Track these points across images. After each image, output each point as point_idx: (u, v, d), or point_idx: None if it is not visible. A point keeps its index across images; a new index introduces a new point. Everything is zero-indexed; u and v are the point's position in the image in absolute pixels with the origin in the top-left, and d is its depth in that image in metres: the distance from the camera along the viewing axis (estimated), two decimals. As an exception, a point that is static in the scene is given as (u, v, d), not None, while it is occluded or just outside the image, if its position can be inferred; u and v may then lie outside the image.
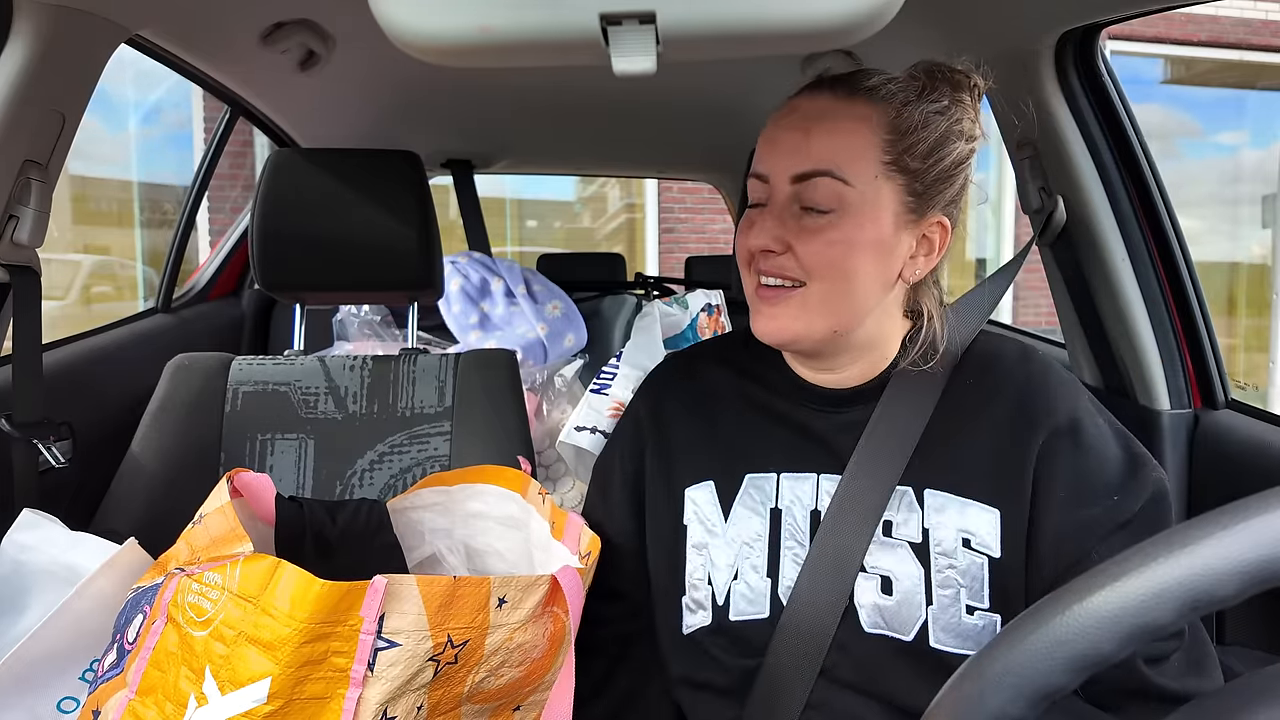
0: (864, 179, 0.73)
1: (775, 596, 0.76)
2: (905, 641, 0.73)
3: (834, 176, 0.73)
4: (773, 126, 0.78)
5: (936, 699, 0.44)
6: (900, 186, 0.75)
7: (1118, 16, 1.05)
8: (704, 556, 0.80)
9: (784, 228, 0.75)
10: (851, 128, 0.74)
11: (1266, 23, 6.59)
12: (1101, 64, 1.17)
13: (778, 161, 0.75)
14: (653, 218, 6.39)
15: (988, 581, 0.73)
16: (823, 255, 0.74)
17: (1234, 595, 0.38)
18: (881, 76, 0.76)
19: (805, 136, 0.74)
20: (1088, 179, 1.19)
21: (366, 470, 1.19)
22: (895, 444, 0.77)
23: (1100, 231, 1.20)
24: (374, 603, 0.67)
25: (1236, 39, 6.58)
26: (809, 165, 0.74)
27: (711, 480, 0.82)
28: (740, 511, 0.80)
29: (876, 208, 0.74)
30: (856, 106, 0.75)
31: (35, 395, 1.03)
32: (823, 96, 0.76)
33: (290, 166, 1.21)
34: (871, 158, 0.74)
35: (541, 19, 0.51)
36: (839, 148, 0.73)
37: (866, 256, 0.74)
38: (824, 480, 0.79)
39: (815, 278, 0.75)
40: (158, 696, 0.69)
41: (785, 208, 0.76)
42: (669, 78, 0.96)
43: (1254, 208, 6.69)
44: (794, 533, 0.78)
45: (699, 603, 0.79)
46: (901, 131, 0.74)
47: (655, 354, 1.72)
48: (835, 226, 0.74)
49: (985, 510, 0.75)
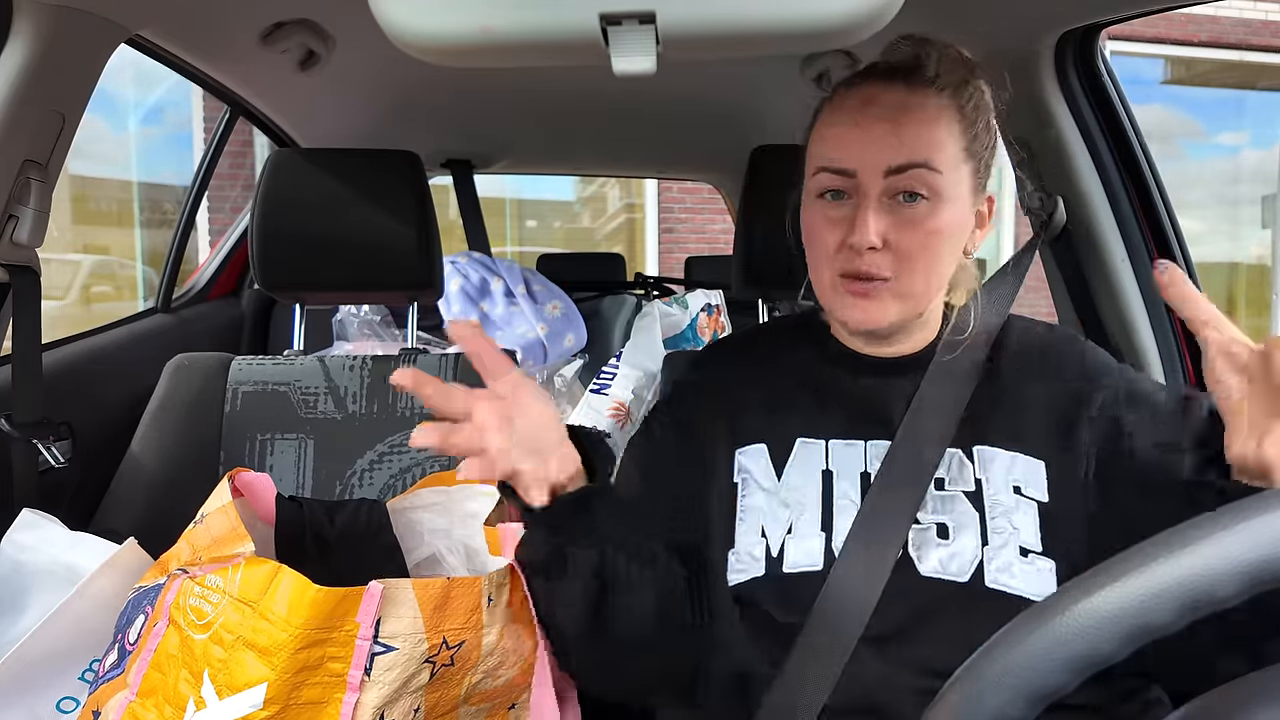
0: (950, 166, 0.77)
1: (829, 549, 0.78)
2: (961, 583, 0.75)
3: (930, 167, 0.75)
4: (856, 116, 0.78)
5: (936, 699, 0.44)
6: (971, 170, 0.79)
7: (1118, 16, 1.05)
8: (757, 515, 0.82)
9: (884, 222, 0.76)
10: (935, 119, 0.77)
11: (1266, 23, 6.59)
12: (1101, 64, 1.17)
13: (868, 155, 0.76)
14: (653, 218, 6.39)
15: (1039, 526, 0.76)
16: (921, 245, 0.77)
17: (1234, 595, 0.38)
18: (937, 64, 0.78)
19: (896, 128, 0.76)
20: (1087, 179, 1.19)
21: (366, 470, 1.19)
22: (945, 408, 0.80)
23: (1100, 231, 1.20)
24: (370, 608, 0.67)
25: (1236, 39, 6.58)
26: (905, 158, 0.75)
27: (764, 443, 0.84)
28: (793, 472, 0.82)
29: (960, 192, 0.78)
30: (931, 97, 0.77)
31: (35, 395, 1.03)
32: (897, 88, 0.78)
33: (290, 166, 1.21)
34: (954, 145, 0.77)
35: (541, 19, 0.51)
36: (930, 139, 0.76)
37: (953, 240, 0.79)
38: (871, 447, 0.81)
39: (908, 270, 0.77)
40: (158, 699, 0.69)
41: (880, 201, 0.77)
42: (669, 78, 0.96)
43: (1254, 208, 6.70)
44: (846, 492, 0.80)
45: (753, 557, 0.80)
46: (969, 119, 0.79)
47: (655, 354, 1.72)
48: (932, 216, 0.76)
49: (1032, 461, 0.78)
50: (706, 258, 3.04)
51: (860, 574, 0.76)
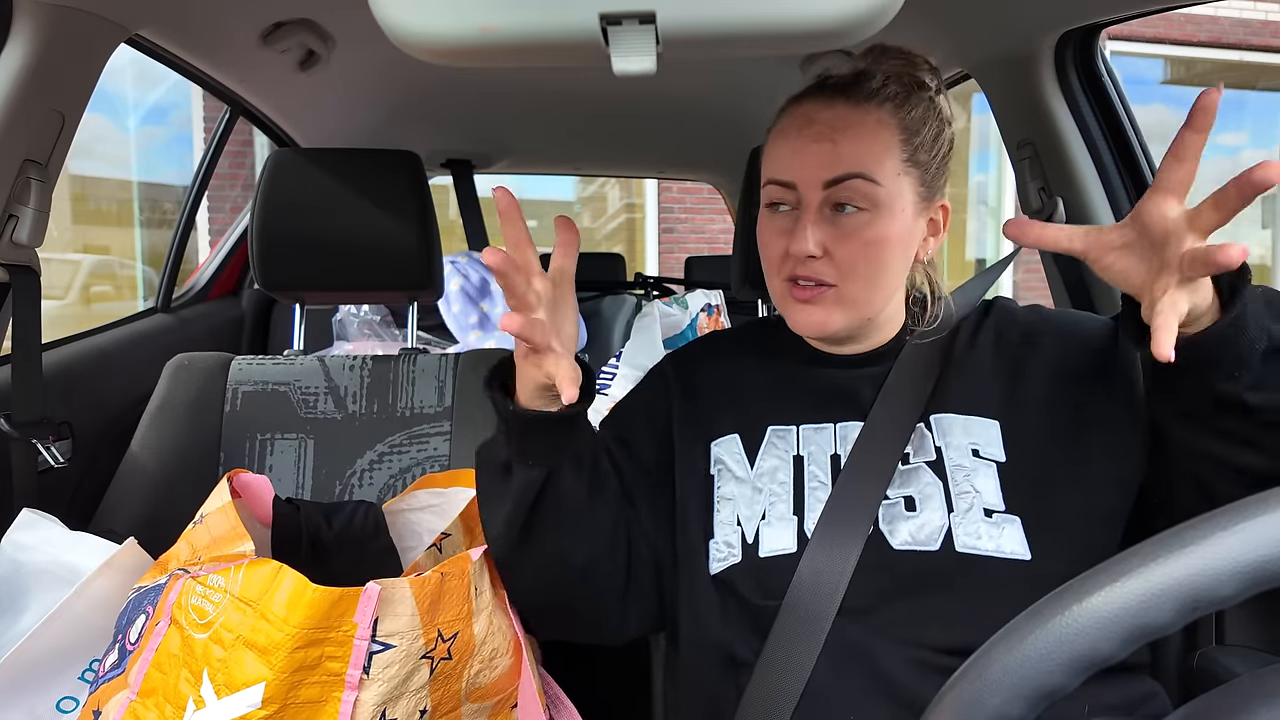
0: (889, 177, 0.79)
1: (801, 532, 0.80)
2: (932, 552, 0.77)
3: (865, 178, 0.78)
4: (795, 137, 0.81)
5: (936, 699, 0.44)
6: (915, 180, 0.81)
7: (1118, 16, 1.05)
8: (733, 502, 0.84)
9: (822, 232, 0.80)
10: (874, 133, 0.79)
11: (1266, 23, 6.59)
12: (1101, 64, 1.17)
13: (808, 170, 0.80)
14: (653, 218, 6.39)
15: (999, 486, 0.79)
16: (860, 254, 0.79)
17: (1233, 595, 0.38)
18: (879, 77, 0.82)
19: (834, 146, 0.79)
20: (1087, 179, 1.19)
21: (366, 470, 1.19)
22: (913, 389, 0.84)
23: (1100, 232, 1.20)
24: (368, 608, 0.68)
25: (1236, 39, 6.58)
26: (841, 170, 0.78)
27: (737, 434, 0.87)
28: (766, 459, 0.85)
29: (901, 202, 0.80)
30: (871, 112, 0.80)
31: (35, 395, 1.03)
32: (838, 105, 0.81)
33: (290, 166, 1.21)
34: (893, 157, 0.80)
35: (541, 19, 0.51)
36: (866, 152, 0.79)
37: (896, 248, 0.81)
38: (840, 429, 0.85)
39: (848, 278, 0.80)
40: (158, 698, 0.69)
41: (819, 212, 0.80)
42: (669, 78, 0.97)
43: (1254, 208, 6.69)
44: (817, 475, 0.83)
45: (729, 544, 0.83)
46: (911, 130, 0.81)
47: (655, 354, 1.72)
48: (870, 225, 0.79)
49: (986, 422, 0.81)
50: (706, 258, 3.04)
51: (832, 553, 0.78)
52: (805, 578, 0.78)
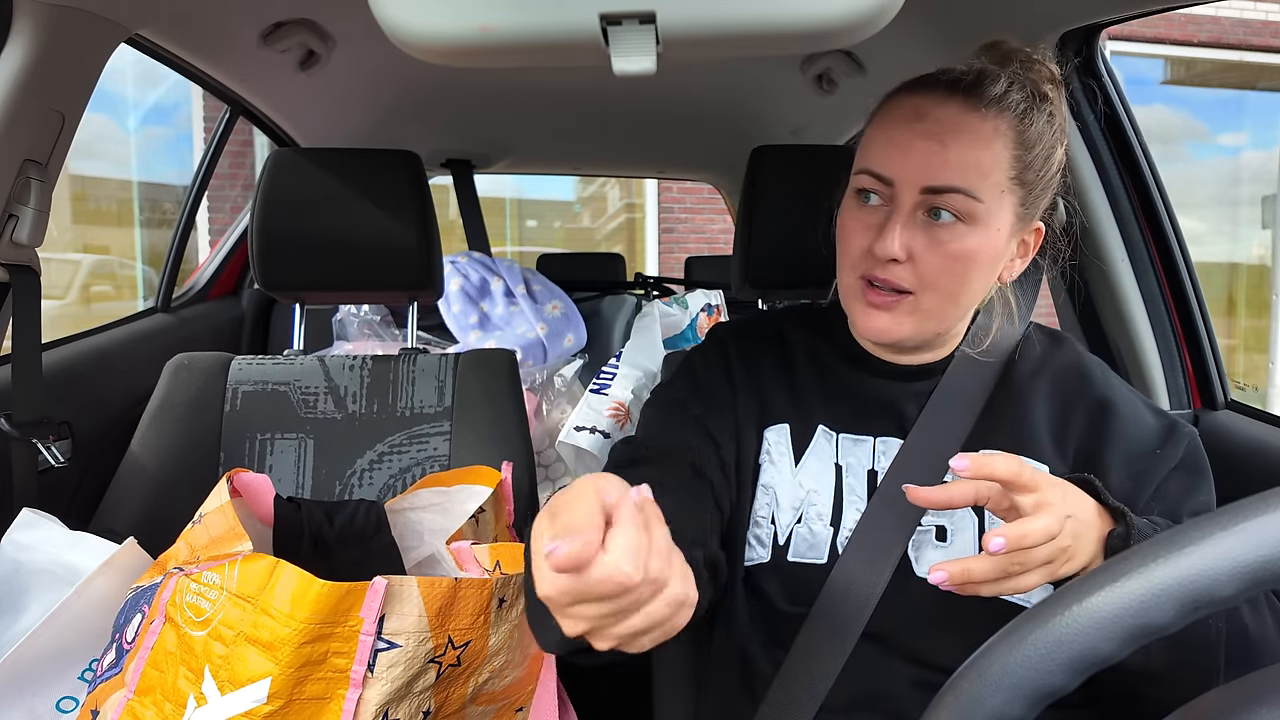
0: (992, 194, 0.74)
1: (834, 545, 0.78)
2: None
3: (968, 195, 0.73)
4: (902, 130, 0.76)
5: (936, 698, 0.44)
6: (1018, 200, 0.76)
7: (1118, 16, 1.05)
8: (770, 495, 0.81)
9: (911, 236, 0.75)
10: (986, 143, 0.74)
11: (1266, 23, 6.59)
12: (1101, 64, 1.17)
13: (909, 169, 0.75)
14: (653, 218, 6.38)
15: None
16: (944, 267, 0.75)
17: (1233, 596, 0.38)
18: (1004, 83, 0.75)
19: (942, 148, 0.73)
20: (1087, 179, 1.19)
21: (366, 470, 1.19)
22: (958, 413, 0.80)
23: (1100, 232, 1.20)
24: (374, 603, 0.67)
25: (1237, 40, 6.58)
26: (945, 180, 0.73)
27: (787, 424, 0.83)
28: (810, 459, 0.82)
29: (999, 220, 0.75)
30: (988, 120, 0.74)
31: (35, 395, 1.03)
32: (953, 104, 0.75)
33: (290, 166, 1.21)
34: (1001, 172, 0.74)
35: (541, 19, 0.51)
36: (974, 163, 0.73)
37: (982, 267, 0.76)
38: (879, 443, 0.81)
39: (928, 288, 0.76)
40: (156, 696, 0.69)
41: (911, 215, 0.76)
42: (669, 78, 0.97)
43: (1254, 209, 6.69)
44: (854, 488, 0.80)
45: (760, 539, 0.80)
46: (1026, 146, 0.75)
47: (655, 354, 1.72)
48: (962, 239, 0.75)
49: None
50: (706, 258, 3.04)
51: (863, 573, 0.76)
52: (834, 591, 0.76)
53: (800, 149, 1.14)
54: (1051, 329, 0.90)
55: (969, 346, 0.84)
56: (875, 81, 1.38)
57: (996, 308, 0.85)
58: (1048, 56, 0.79)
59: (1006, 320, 0.85)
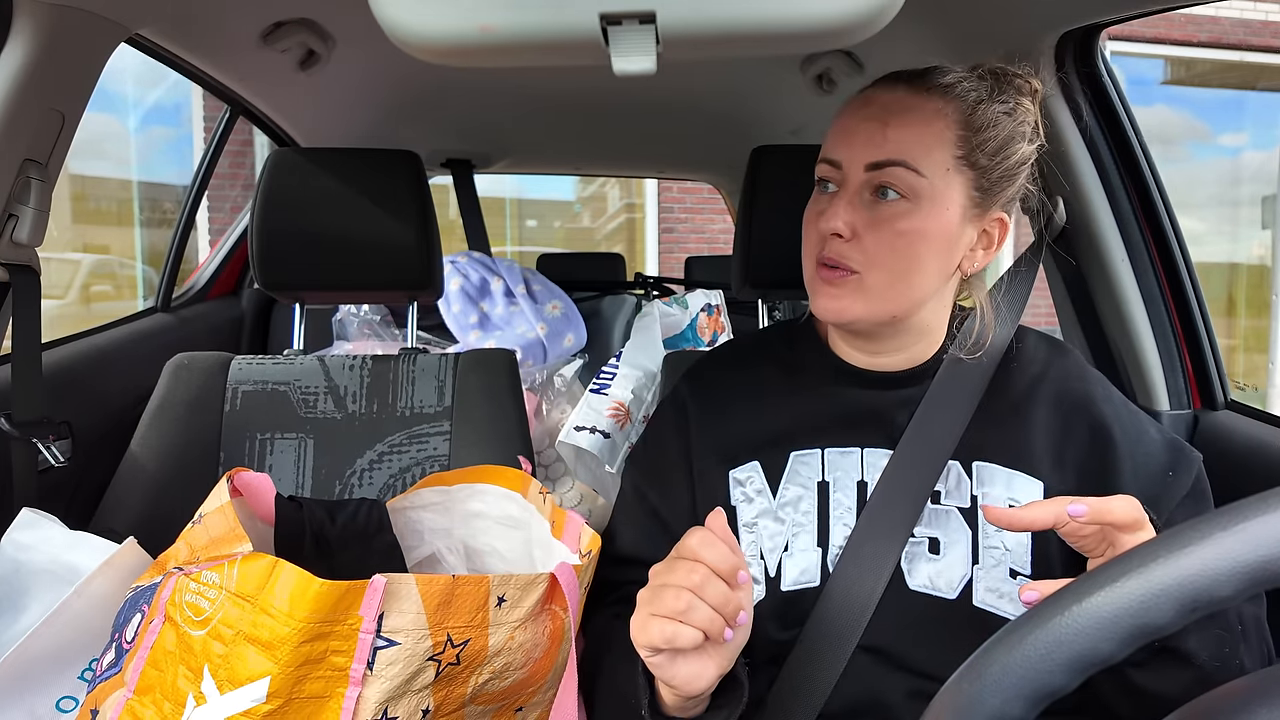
0: (936, 171, 0.76)
1: (825, 565, 0.78)
2: (948, 600, 0.75)
3: (908, 167, 0.75)
4: (849, 117, 0.79)
5: (936, 698, 0.44)
6: (969, 181, 0.78)
7: (1118, 17, 1.05)
8: (754, 534, 0.81)
9: (855, 214, 0.77)
10: (927, 121, 0.76)
11: (1266, 23, 6.59)
12: (1101, 64, 1.17)
13: (853, 150, 0.78)
14: (653, 218, 6.39)
15: (1031, 548, 0.76)
16: (889, 245, 0.77)
17: (1233, 596, 0.38)
18: (955, 74, 0.79)
19: (882, 127, 0.76)
20: (1087, 180, 1.19)
21: (366, 470, 1.19)
22: (948, 421, 0.80)
23: (1100, 232, 1.20)
24: (373, 601, 0.67)
25: (1237, 40, 6.58)
26: (885, 154, 0.76)
27: (757, 460, 0.84)
28: (789, 488, 0.82)
29: (946, 199, 0.77)
30: (932, 101, 0.77)
31: (35, 394, 1.03)
32: (899, 89, 0.78)
33: (290, 166, 1.21)
34: (945, 151, 0.76)
35: (541, 19, 0.51)
36: (915, 139, 0.76)
37: (932, 246, 0.77)
38: (868, 454, 0.81)
39: (874, 266, 0.77)
40: (156, 695, 0.69)
41: (857, 194, 0.78)
42: (669, 78, 0.97)
43: (1254, 209, 6.70)
44: (843, 502, 0.80)
45: (754, 578, 0.80)
46: (974, 128, 0.77)
47: (655, 354, 1.72)
48: (906, 216, 0.76)
49: (1030, 481, 0.78)
50: (706, 258, 3.04)
51: (856, 587, 0.76)
52: (828, 610, 0.76)
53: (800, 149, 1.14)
54: (1056, 339, 0.89)
55: (956, 348, 0.84)
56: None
57: (982, 307, 0.85)
58: (1030, 72, 0.81)
59: (998, 321, 0.86)
